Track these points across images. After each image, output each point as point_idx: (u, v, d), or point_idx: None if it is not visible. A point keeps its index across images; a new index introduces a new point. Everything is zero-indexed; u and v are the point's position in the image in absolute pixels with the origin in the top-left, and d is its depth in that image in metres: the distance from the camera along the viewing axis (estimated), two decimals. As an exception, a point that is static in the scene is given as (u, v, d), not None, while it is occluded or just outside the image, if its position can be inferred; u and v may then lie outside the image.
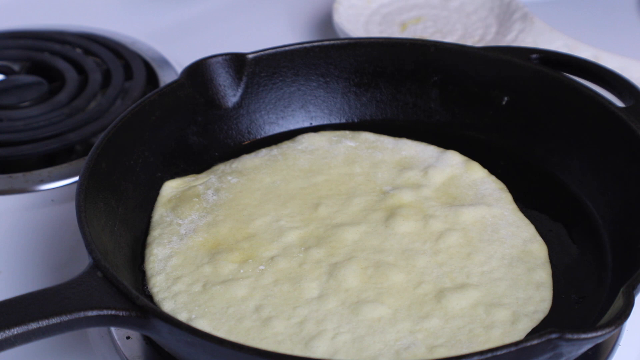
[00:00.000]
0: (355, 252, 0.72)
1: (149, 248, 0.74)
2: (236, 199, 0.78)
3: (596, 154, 0.80)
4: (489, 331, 0.66)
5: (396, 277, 0.70)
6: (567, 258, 0.74)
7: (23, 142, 0.94)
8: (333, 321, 0.67)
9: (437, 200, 0.78)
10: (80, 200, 0.69)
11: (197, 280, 0.71)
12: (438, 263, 0.71)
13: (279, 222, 0.76)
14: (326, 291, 0.69)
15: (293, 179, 0.80)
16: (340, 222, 0.75)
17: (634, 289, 0.62)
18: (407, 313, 0.68)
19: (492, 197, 0.78)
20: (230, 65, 0.85)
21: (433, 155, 0.83)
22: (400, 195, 0.78)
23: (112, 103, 1.00)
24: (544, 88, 0.83)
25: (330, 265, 0.71)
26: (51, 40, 1.11)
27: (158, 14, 1.21)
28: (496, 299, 0.69)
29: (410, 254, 0.72)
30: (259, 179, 0.80)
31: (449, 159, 0.82)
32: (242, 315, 0.68)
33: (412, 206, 0.77)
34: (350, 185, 0.79)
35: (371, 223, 0.75)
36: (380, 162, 0.82)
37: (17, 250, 0.83)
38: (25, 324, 0.58)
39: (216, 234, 0.75)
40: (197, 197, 0.79)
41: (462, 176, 0.81)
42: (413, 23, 1.12)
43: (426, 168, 0.81)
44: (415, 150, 0.84)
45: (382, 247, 0.73)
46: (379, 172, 0.81)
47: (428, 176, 0.80)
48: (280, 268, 0.71)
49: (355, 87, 0.89)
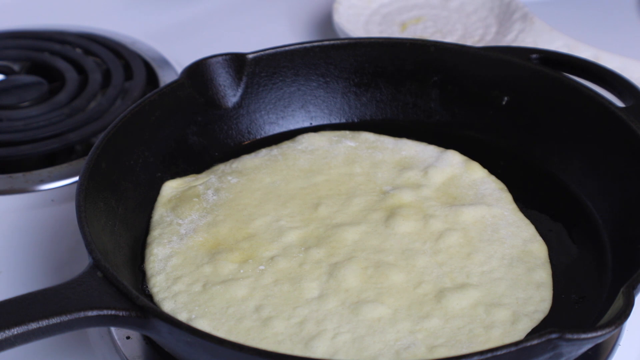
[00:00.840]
0: (355, 252, 0.72)
1: (149, 248, 0.74)
2: (236, 199, 0.78)
3: (596, 154, 0.80)
4: (489, 331, 0.66)
5: (396, 277, 0.70)
6: (567, 258, 0.74)
7: (23, 142, 0.94)
8: (333, 321, 0.67)
9: (437, 200, 0.78)
10: (80, 200, 0.69)
11: (197, 280, 0.71)
12: (438, 263, 0.72)
13: (279, 222, 0.76)
14: (326, 291, 0.69)
15: (293, 179, 0.81)
16: (340, 222, 0.76)
17: (634, 289, 0.62)
18: (407, 313, 0.68)
19: (492, 197, 0.78)
20: (230, 65, 0.85)
21: (433, 155, 0.83)
22: (400, 195, 0.78)
23: (112, 103, 1.00)
24: (544, 88, 0.83)
25: (330, 265, 0.71)
26: (51, 40, 1.11)
27: (158, 14, 1.21)
28: (496, 298, 0.69)
29: (410, 253, 0.72)
30: (259, 179, 0.80)
31: (449, 159, 0.82)
32: (242, 315, 0.68)
33: (412, 206, 0.77)
34: (350, 185, 0.80)
35: (371, 223, 0.75)
36: (380, 162, 0.82)
37: (17, 250, 0.83)
38: (25, 324, 0.58)
39: (216, 234, 0.75)
40: (197, 197, 0.79)
41: (462, 176, 0.81)
42: (413, 23, 1.12)
43: (426, 168, 0.81)
44: (415, 150, 0.84)
45: (382, 247, 0.73)
46: (379, 172, 0.81)
47: (428, 176, 0.80)
48: (280, 268, 0.71)
49: (355, 87, 0.89)
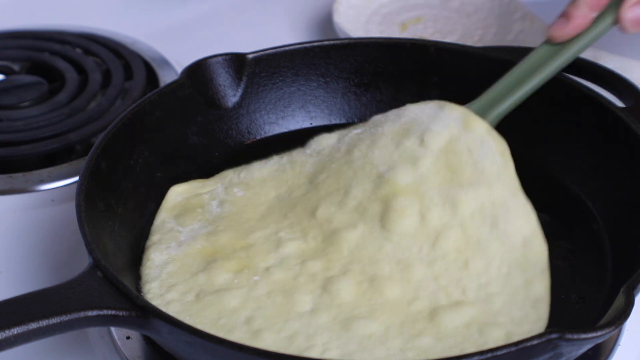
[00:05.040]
0: (351, 264, 0.71)
1: (147, 253, 0.74)
2: (239, 213, 0.77)
3: (596, 154, 0.79)
4: None
5: (391, 292, 0.69)
6: (567, 258, 0.74)
7: (23, 142, 0.94)
8: (323, 336, 0.66)
9: (435, 177, 0.74)
10: (80, 200, 0.69)
11: (190, 289, 0.70)
12: (434, 275, 0.70)
13: (278, 234, 0.75)
14: (319, 305, 0.68)
15: (297, 187, 0.79)
16: (337, 225, 0.74)
17: (634, 289, 0.62)
18: (398, 331, 0.67)
19: (492, 170, 0.75)
20: (230, 65, 0.85)
21: (431, 113, 0.78)
22: (395, 179, 0.74)
23: (112, 103, 1.00)
24: (544, 88, 0.83)
25: (325, 279, 0.70)
26: (51, 40, 1.11)
27: (158, 14, 1.21)
28: (491, 317, 0.68)
29: (406, 264, 0.71)
30: (264, 192, 0.79)
31: (446, 117, 0.77)
32: (233, 327, 0.67)
33: (408, 193, 0.74)
34: (348, 175, 0.77)
35: (367, 223, 0.73)
36: (379, 136, 0.78)
37: (17, 250, 0.83)
38: (25, 324, 0.58)
39: (215, 242, 0.74)
40: (202, 208, 0.78)
41: (461, 137, 0.76)
42: (413, 23, 1.12)
43: (423, 133, 0.76)
44: (415, 112, 0.79)
45: (377, 257, 0.71)
46: (376, 149, 0.77)
47: (425, 144, 0.76)
48: (275, 279, 0.70)
49: (355, 87, 0.89)
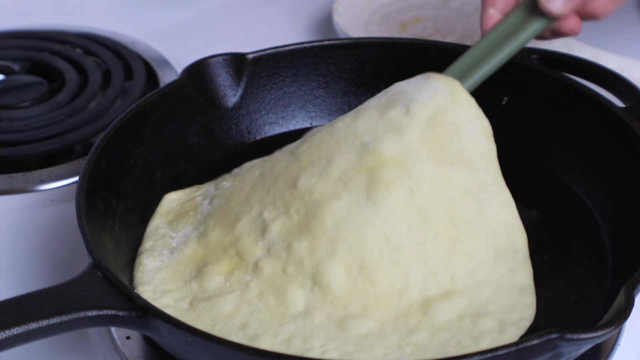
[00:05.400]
0: (337, 240, 0.69)
1: (139, 258, 0.74)
2: (227, 202, 0.76)
3: (596, 154, 0.79)
4: (478, 342, 0.65)
5: (381, 282, 0.69)
6: (567, 258, 0.74)
7: (23, 142, 0.94)
8: (320, 338, 0.66)
9: (422, 150, 0.72)
10: (80, 200, 0.69)
11: (184, 297, 0.70)
12: (423, 259, 0.69)
13: (263, 215, 0.73)
14: (312, 304, 0.68)
15: (279, 161, 0.76)
16: (319, 197, 0.71)
17: (634, 289, 0.62)
18: (394, 327, 0.67)
19: (477, 152, 0.74)
20: (230, 65, 0.85)
21: (417, 84, 0.76)
22: (380, 150, 0.72)
23: (112, 103, 1.00)
24: (544, 88, 0.83)
25: (313, 265, 0.69)
26: (51, 40, 1.11)
27: (158, 14, 1.21)
28: (481, 306, 0.68)
29: (395, 244, 0.69)
30: (249, 175, 0.78)
31: (433, 87, 0.76)
32: (228, 333, 0.67)
33: (394, 164, 0.71)
34: (330, 144, 0.74)
35: (352, 193, 0.71)
36: (364, 109, 0.76)
37: (17, 250, 0.83)
38: (25, 324, 0.58)
39: (205, 244, 0.74)
40: (194, 210, 0.78)
41: (448, 110, 0.74)
42: (413, 23, 1.12)
43: (408, 103, 0.75)
44: (401, 85, 0.77)
45: (365, 233, 0.69)
46: (359, 119, 0.75)
47: (411, 114, 0.74)
48: (265, 276, 0.70)
49: (355, 87, 0.89)
